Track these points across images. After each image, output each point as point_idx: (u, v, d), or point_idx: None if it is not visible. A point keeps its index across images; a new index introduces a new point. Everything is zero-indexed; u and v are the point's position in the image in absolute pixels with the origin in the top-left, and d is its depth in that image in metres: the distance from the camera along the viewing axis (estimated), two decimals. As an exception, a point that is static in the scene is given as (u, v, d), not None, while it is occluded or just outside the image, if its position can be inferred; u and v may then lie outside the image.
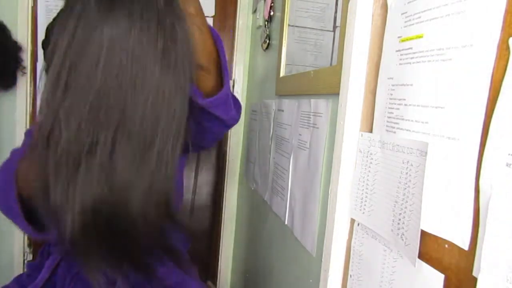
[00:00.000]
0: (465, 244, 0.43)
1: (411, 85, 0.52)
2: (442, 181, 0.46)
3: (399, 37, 0.55)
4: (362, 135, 0.64)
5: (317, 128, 0.84)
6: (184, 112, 0.53)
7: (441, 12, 0.47)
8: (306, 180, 0.89)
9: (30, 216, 0.63)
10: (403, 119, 0.53)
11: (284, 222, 1.03)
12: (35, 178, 0.53)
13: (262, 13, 1.44)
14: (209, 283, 1.62)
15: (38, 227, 0.63)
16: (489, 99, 0.40)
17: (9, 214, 0.63)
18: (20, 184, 0.61)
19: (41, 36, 1.59)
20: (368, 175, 0.61)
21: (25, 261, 1.75)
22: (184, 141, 0.54)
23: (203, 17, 0.62)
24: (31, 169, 0.57)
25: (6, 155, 0.67)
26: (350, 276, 0.67)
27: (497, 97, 0.39)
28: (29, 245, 1.78)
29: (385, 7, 0.60)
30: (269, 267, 1.24)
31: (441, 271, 0.47)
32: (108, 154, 0.49)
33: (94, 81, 0.47)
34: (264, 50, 1.43)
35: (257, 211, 1.43)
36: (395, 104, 0.55)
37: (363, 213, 0.62)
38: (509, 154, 0.37)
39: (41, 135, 0.49)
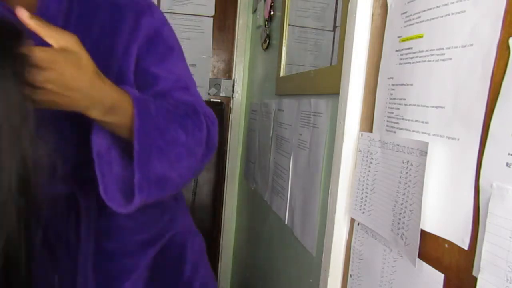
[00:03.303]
0: (465, 244, 0.43)
1: (411, 85, 0.52)
2: (442, 181, 0.46)
3: (399, 37, 0.55)
4: (362, 135, 0.64)
5: (317, 128, 0.84)
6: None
7: (441, 12, 0.47)
8: (306, 180, 0.89)
9: None
10: (403, 119, 0.53)
11: (284, 222, 1.03)
12: None
13: (262, 13, 1.44)
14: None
15: None
16: (489, 99, 0.40)
17: None
18: None
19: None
20: (368, 175, 0.61)
21: None
22: None
23: (120, 116, 0.58)
24: None
25: None
26: (350, 276, 0.67)
27: (497, 97, 0.39)
28: None
29: (385, 7, 0.60)
30: (269, 267, 1.24)
31: (441, 271, 0.47)
32: None
33: None
34: (264, 50, 1.43)
35: (257, 211, 1.43)
36: (395, 104, 0.55)
37: (363, 213, 0.62)
38: (509, 154, 0.37)
39: None
